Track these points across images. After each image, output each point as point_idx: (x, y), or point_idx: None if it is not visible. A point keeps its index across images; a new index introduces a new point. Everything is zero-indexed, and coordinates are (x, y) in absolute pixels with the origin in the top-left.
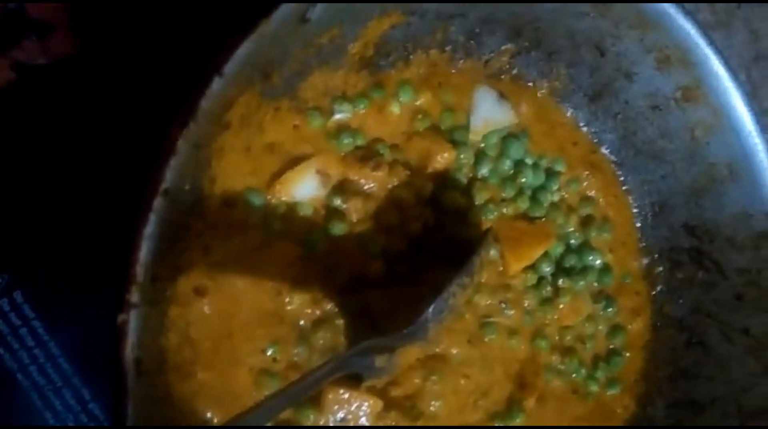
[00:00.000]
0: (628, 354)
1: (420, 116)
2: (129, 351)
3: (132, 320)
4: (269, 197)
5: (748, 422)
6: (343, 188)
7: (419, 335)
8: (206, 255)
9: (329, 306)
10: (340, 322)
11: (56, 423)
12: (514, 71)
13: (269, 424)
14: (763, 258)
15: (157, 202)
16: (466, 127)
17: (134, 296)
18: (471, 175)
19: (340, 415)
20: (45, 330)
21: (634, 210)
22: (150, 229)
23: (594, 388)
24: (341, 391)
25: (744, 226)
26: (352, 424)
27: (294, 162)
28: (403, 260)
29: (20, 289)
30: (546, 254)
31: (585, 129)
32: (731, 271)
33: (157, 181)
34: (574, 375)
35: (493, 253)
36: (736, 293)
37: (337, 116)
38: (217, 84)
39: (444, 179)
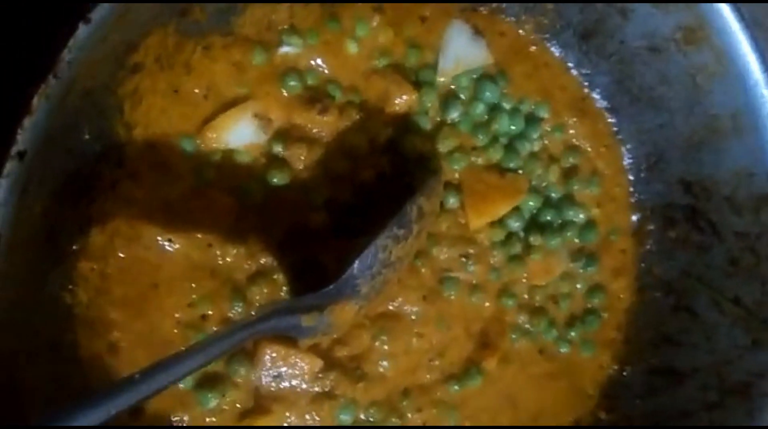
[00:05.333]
0: (606, 315)
1: (380, 54)
2: None
3: None
4: (201, 143)
5: (728, 397)
6: (286, 134)
7: (347, 292)
8: (126, 204)
9: (266, 260)
10: (280, 276)
11: None
12: (493, 4)
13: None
14: (763, 222)
15: (11, 166)
16: (434, 67)
17: None
18: (438, 119)
19: (273, 372)
20: None
21: (627, 161)
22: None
23: (564, 349)
24: (276, 348)
25: (745, 186)
26: (285, 382)
27: (229, 105)
28: (354, 211)
29: None
30: (517, 209)
31: (574, 71)
32: (728, 234)
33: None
34: (543, 335)
35: (452, 202)
36: (730, 258)
37: (284, 50)
38: (84, 32)
39: (405, 124)
